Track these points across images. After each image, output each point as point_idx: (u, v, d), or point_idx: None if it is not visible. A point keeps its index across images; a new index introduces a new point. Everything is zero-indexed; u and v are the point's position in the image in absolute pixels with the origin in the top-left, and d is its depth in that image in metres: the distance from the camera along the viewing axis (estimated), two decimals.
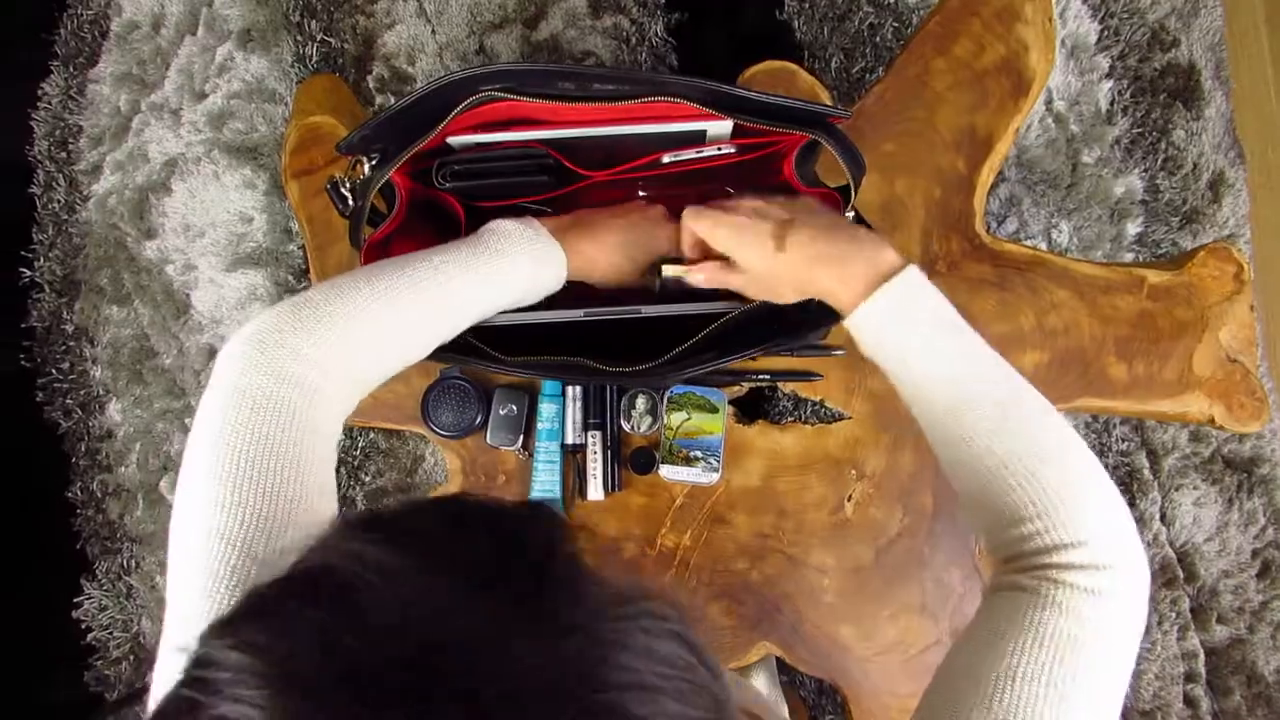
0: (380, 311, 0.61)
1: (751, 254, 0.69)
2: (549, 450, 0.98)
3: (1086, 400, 0.99)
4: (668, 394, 0.96)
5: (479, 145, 0.79)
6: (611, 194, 0.94)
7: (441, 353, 0.74)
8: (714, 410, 0.96)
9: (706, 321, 0.76)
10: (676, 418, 0.96)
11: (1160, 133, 1.53)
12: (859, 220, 0.76)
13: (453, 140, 0.78)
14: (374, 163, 0.73)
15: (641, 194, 0.94)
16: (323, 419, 0.57)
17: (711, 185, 0.93)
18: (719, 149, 0.81)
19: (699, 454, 0.95)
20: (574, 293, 0.79)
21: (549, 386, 0.99)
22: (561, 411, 0.98)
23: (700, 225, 0.72)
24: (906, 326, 0.63)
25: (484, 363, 0.77)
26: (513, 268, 0.69)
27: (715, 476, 0.96)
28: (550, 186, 0.83)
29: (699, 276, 0.74)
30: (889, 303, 0.62)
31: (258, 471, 0.51)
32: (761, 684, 1.00)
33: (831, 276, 0.65)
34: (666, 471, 0.96)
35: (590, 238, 0.75)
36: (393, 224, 0.78)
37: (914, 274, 0.63)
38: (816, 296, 0.68)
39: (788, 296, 0.70)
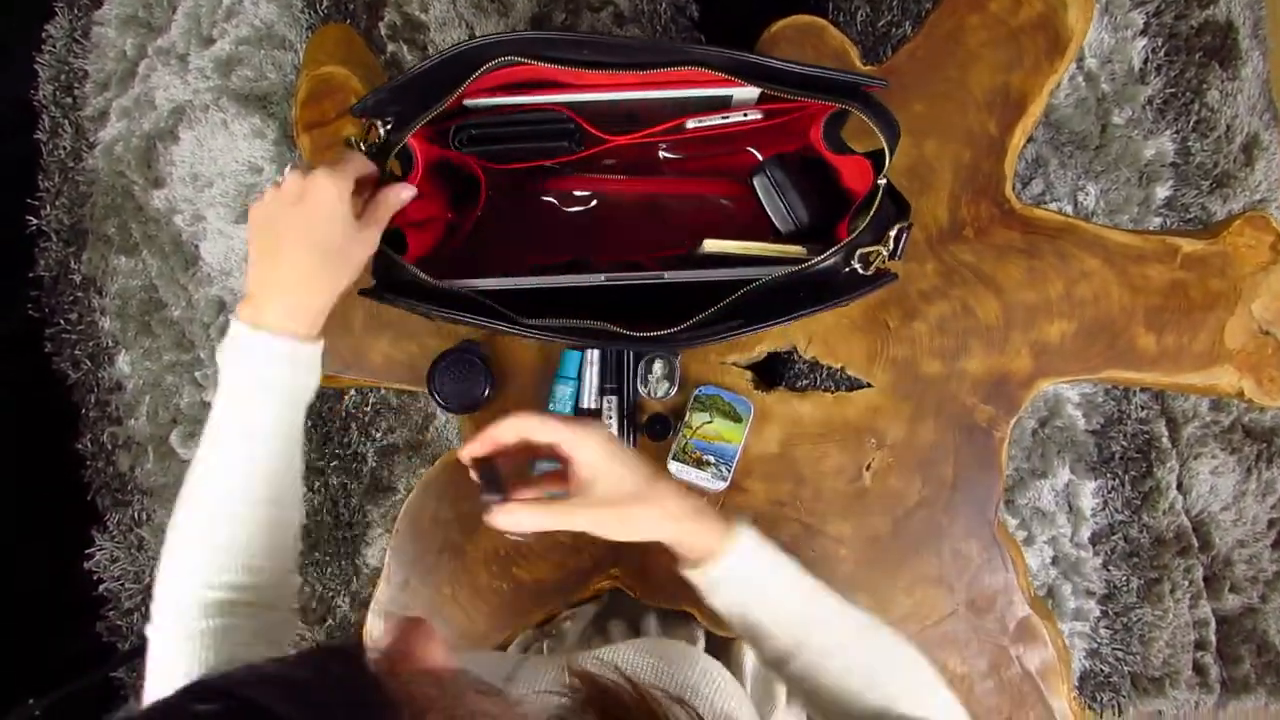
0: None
1: (625, 471, 0.62)
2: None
3: (1113, 372, 0.97)
4: (696, 392, 0.94)
5: (497, 108, 0.77)
6: (633, 154, 0.91)
7: (455, 312, 0.72)
8: (738, 420, 0.94)
9: (733, 287, 0.73)
10: (698, 418, 0.94)
11: (1194, 93, 1.48)
12: (891, 189, 0.73)
13: (469, 103, 0.76)
14: (389, 126, 0.70)
15: (664, 154, 0.92)
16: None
17: (734, 147, 0.90)
18: (745, 114, 0.78)
19: (711, 459, 0.94)
20: (595, 253, 0.76)
21: (566, 368, 0.95)
22: (576, 393, 0.95)
23: (560, 435, 0.63)
24: (756, 580, 0.63)
25: (497, 323, 0.73)
26: (273, 375, 0.64)
27: (722, 485, 0.95)
28: (570, 150, 0.80)
29: (523, 516, 0.61)
30: (735, 563, 0.62)
31: None
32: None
33: (686, 529, 0.62)
34: (675, 469, 0.94)
35: (275, 265, 0.64)
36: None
37: (747, 537, 0.63)
38: (665, 539, 0.63)
39: (639, 529, 0.62)
